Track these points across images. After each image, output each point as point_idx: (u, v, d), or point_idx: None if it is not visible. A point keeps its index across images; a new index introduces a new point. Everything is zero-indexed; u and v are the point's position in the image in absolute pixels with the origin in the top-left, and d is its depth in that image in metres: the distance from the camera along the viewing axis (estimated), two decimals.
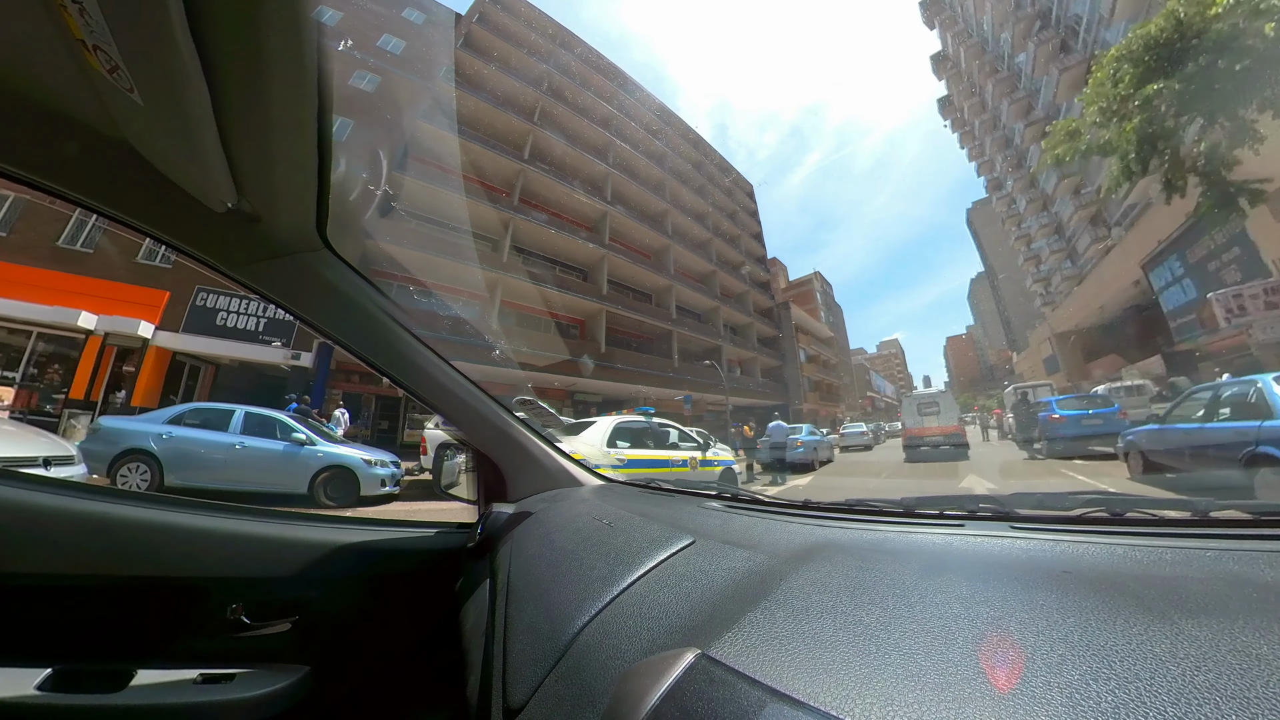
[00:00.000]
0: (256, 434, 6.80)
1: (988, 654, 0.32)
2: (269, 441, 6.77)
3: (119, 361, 13.70)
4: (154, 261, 14.88)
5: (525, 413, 1.58)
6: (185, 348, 14.42)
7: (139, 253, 14.29)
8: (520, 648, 0.58)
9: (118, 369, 13.70)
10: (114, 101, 0.53)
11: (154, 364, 13.95)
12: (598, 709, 0.39)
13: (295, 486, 6.66)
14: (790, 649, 0.37)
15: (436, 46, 21.82)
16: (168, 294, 14.10)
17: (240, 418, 6.88)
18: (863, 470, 11.59)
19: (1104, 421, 9.01)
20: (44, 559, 0.87)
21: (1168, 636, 0.30)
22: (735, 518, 0.87)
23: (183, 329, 14.27)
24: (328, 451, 6.93)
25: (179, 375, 15.15)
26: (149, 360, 13.73)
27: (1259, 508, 0.57)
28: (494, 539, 1.05)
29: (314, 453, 6.85)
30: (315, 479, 6.73)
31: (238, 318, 15.20)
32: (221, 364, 16.12)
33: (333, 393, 16.53)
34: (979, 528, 0.64)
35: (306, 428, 7.24)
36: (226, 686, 0.94)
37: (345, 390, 17.31)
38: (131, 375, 13.55)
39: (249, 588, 1.04)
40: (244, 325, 15.23)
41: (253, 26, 0.45)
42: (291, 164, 0.63)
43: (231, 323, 15.11)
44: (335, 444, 7.27)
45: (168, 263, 14.85)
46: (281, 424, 7.02)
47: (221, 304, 15.02)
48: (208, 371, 16.06)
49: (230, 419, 6.86)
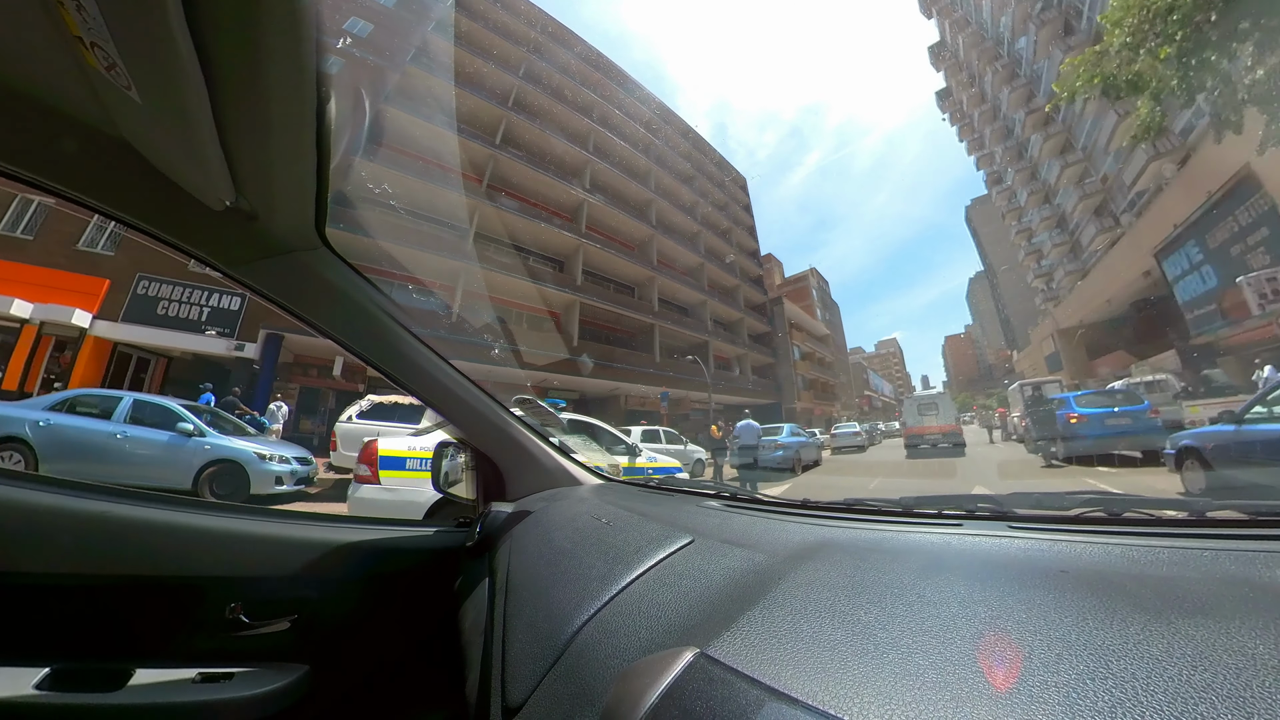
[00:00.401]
0: (144, 423, 6.35)
1: (985, 653, 0.32)
2: (154, 432, 6.30)
3: (58, 351, 13.15)
4: (95, 249, 14.15)
5: (524, 411, 1.49)
6: (124, 337, 13.63)
7: (80, 239, 13.61)
8: (519, 646, 0.58)
9: (56, 359, 13.13)
10: (112, 99, 0.52)
11: (92, 354, 13.17)
12: (597, 708, 0.39)
13: (179, 480, 6.20)
14: (789, 648, 0.37)
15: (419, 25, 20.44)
16: (108, 282, 13.36)
17: (127, 406, 6.41)
18: (851, 472, 10.83)
19: (1132, 421, 7.63)
20: (42, 558, 0.87)
21: (1165, 636, 0.30)
22: (734, 517, 0.87)
23: (122, 318, 13.40)
24: (216, 444, 6.47)
25: (125, 368, 14.31)
26: (86, 350, 13.00)
27: (1256, 508, 0.56)
28: (493, 538, 1.06)
29: (201, 445, 6.38)
30: (201, 473, 6.30)
31: (180, 306, 14.24)
32: (173, 356, 15.18)
33: (289, 386, 15.47)
34: (977, 527, 0.64)
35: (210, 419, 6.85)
36: (225, 686, 0.94)
37: (303, 384, 16.15)
38: (71, 366, 12.75)
39: (248, 587, 1.04)
40: (186, 314, 14.24)
41: (251, 24, 0.44)
42: (290, 162, 0.62)
43: (173, 312, 14.12)
44: (229, 437, 6.78)
45: (110, 249, 14.13)
46: (172, 413, 6.52)
47: (163, 292, 14.11)
48: (159, 364, 15.17)
49: (117, 407, 6.39)
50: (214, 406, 8.50)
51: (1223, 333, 15.31)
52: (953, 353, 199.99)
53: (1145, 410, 7.73)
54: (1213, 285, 15.53)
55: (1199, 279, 16.32)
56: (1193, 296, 16.68)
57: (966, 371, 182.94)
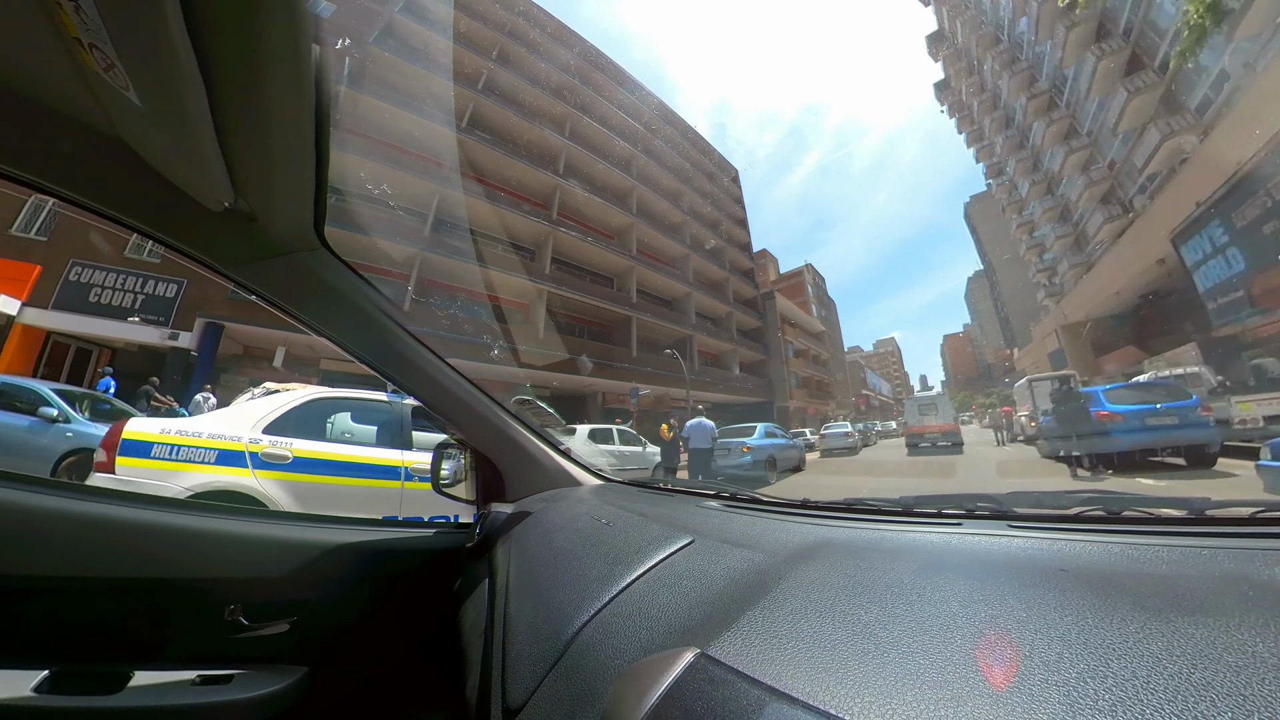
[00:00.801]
0: (6, 408, 5.90)
1: (985, 652, 0.32)
2: (11, 416, 5.84)
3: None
4: (29, 234, 13.16)
5: (523, 412, 1.41)
6: (54, 325, 12.95)
7: (13, 224, 12.97)
8: (519, 647, 0.58)
9: None
10: (110, 100, 0.52)
11: (20, 343, 12.49)
12: (597, 708, 0.39)
13: (37, 470, 5.59)
14: (789, 648, 0.37)
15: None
16: (39, 268, 12.69)
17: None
18: (847, 472, 9.61)
19: (1179, 420, 6.09)
20: (42, 561, 0.87)
21: (1164, 634, 0.30)
22: (734, 517, 0.87)
23: (52, 305, 12.65)
24: (80, 430, 6.00)
25: (62, 358, 13.49)
26: (14, 339, 12.36)
27: (1255, 506, 0.56)
28: (493, 539, 1.05)
29: (63, 432, 5.92)
30: (62, 461, 5.85)
31: (113, 293, 13.45)
32: (116, 347, 14.25)
33: (239, 379, 14.48)
34: (977, 526, 0.64)
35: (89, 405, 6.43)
36: (225, 688, 0.94)
37: (253, 377, 14.82)
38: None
39: (247, 588, 1.04)
40: (119, 302, 13.46)
41: (250, 24, 0.44)
42: (289, 162, 0.62)
43: (105, 299, 13.33)
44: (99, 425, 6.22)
45: (44, 235, 13.25)
46: (39, 397, 6.04)
47: (96, 279, 13.35)
48: (102, 355, 14.32)
49: None
50: (112, 395, 8.04)
51: (1251, 322, 13.75)
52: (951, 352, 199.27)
53: (1194, 407, 6.17)
54: (1240, 269, 13.96)
55: (1223, 263, 14.74)
56: (1215, 283, 15.10)
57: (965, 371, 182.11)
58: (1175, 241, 16.64)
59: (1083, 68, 24.51)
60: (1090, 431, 6.32)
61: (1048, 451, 8.83)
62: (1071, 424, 6.34)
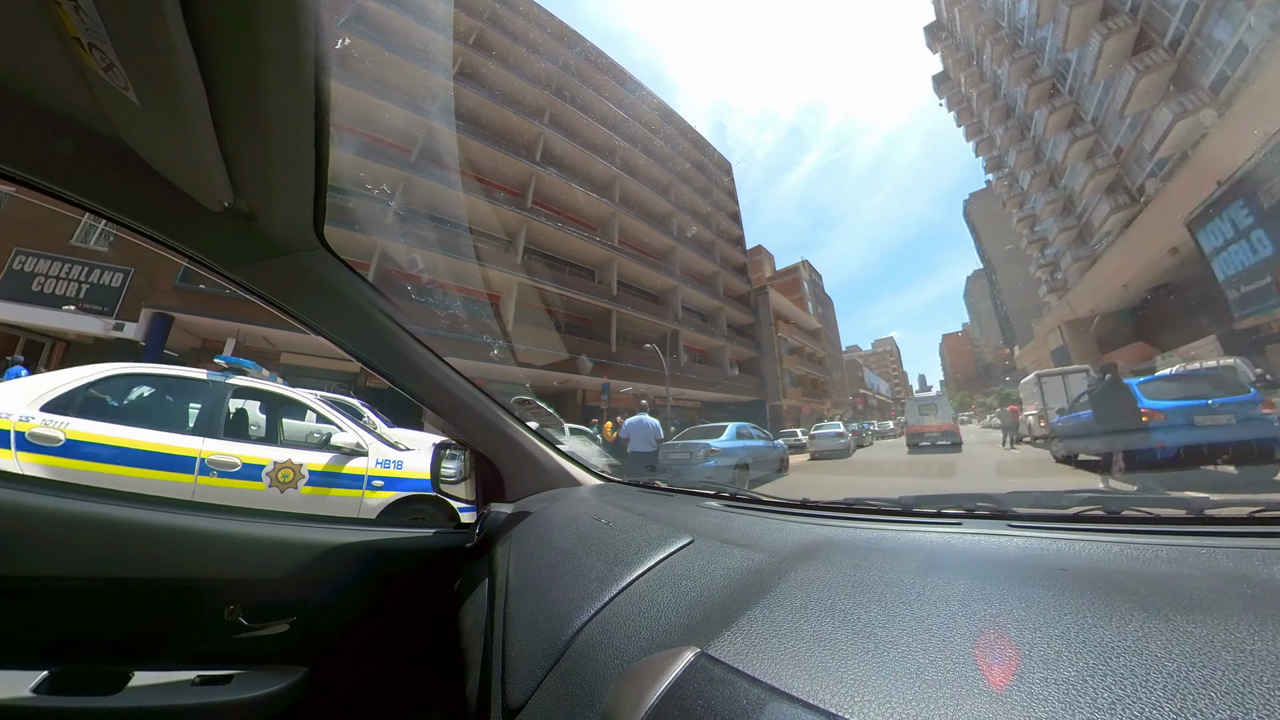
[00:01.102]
0: None
1: (985, 651, 0.32)
2: None
3: None
4: None
5: (523, 412, 1.42)
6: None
7: None
8: (519, 647, 0.58)
9: None
10: (109, 100, 0.52)
11: None
12: (597, 708, 0.40)
13: None
14: (789, 647, 0.37)
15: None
16: None
17: None
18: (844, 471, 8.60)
19: (1236, 418, 4.91)
20: (42, 561, 0.87)
21: (1164, 633, 0.30)
22: (734, 517, 0.87)
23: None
24: None
25: (10, 350, 12.46)
26: None
27: (1254, 506, 0.55)
28: (493, 539, 1.06)
29: None
30: None
31: (56, 283, 12.78)
32: (70, 340, 13.41)
33: None
34: (976, 526, 0.64)
35: None
36: (225, 688, 0.94)
37: (210, 370, 13.48)
38: None
39: (247, 589, 1.04)
40: (63, 291, 12.79)
41: (249, 24, 0.44)
42: (288, 162, 0.62)
43: (49, 288, 12.70)
44: None
45: None
46: None
47: (40, 268, 12.72)
48: (56, 348, 13.62)
49: None
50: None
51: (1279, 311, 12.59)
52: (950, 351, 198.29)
53: (1255, 402, 4.95)
54: (1266, 254, 12.79)
55: (1246, 249, 13.55)
56: (1238, 271, 13.90)
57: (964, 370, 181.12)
58: (1191, 226, 15.43)
59: (1087, 49, 23.29)
60: (1126, 431, 5.10)
61: (1064, 454, 7.61)
62: (1131, 419, 5.08)
